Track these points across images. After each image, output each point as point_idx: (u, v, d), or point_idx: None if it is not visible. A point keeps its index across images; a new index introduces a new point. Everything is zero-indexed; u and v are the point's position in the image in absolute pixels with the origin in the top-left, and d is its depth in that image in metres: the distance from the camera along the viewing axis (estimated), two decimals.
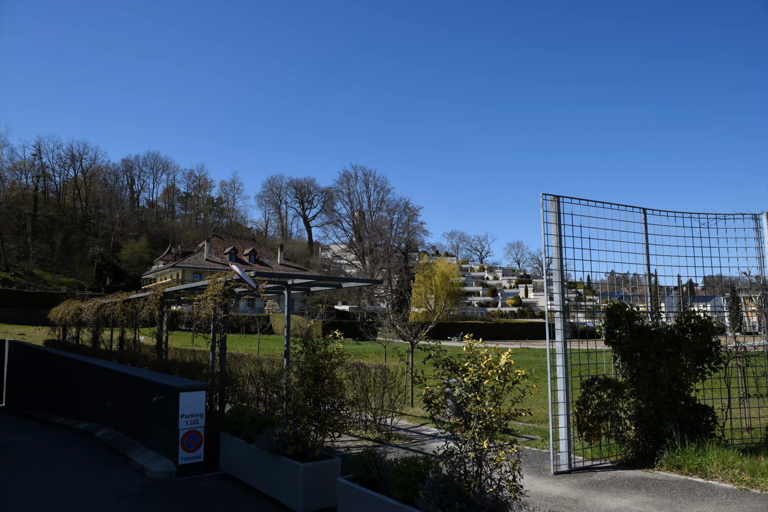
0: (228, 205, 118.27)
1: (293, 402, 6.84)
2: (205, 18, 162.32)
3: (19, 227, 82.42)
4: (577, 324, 11.56)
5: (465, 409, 4.68)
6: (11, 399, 18.43)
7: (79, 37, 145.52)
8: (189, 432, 7.74)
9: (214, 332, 9.52)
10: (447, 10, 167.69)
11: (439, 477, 4.56)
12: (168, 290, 11.87)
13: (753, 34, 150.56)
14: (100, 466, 8.49)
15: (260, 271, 10.18)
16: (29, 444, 10.51)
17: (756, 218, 9.61)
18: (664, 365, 8.59)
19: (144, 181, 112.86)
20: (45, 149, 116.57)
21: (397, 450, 9.35)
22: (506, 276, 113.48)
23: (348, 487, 5.47)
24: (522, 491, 4.48)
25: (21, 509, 6.47)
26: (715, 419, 8.70)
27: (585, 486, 7.29)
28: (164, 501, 6.66)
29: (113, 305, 15.19)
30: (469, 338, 4.86)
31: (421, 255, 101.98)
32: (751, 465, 7.36)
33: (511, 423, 11.54)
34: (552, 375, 8.26)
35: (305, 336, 7.17)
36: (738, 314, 13.03)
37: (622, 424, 8.53)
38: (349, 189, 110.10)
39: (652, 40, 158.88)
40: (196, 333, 32.18)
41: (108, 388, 10.79)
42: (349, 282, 12.30)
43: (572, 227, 8.57)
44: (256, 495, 6.88)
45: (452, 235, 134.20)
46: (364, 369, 11.22)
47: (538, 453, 9.16)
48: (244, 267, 69.90)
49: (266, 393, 10.95)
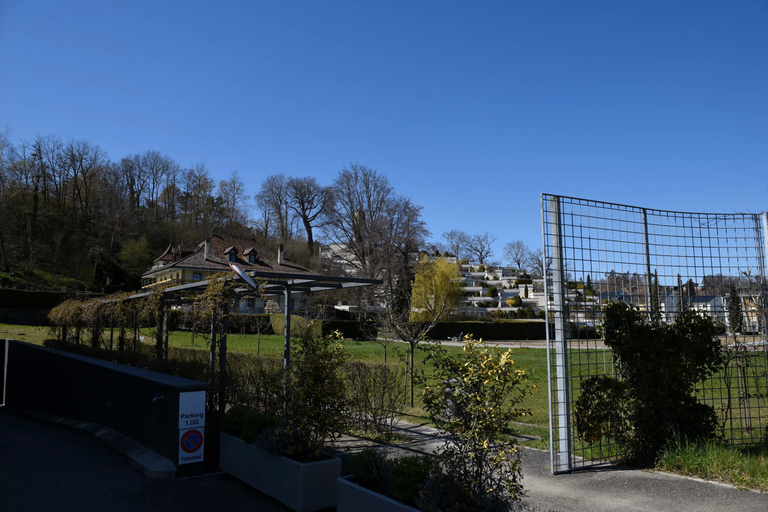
0: (228, 205, 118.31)
1: (293, 402, 6.84)
2: (205, 18, 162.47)
3: (19, 227, 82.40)
4: (577, 324, 11.56)
5: (465, 409, 4.68)
6: (11, 399, 18.44)
7: (79, 37, 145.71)
8: (189, 432, 7.74)
9: (214, 332, 9.52)
10: (447, 10, 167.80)
11: (439, 477, 4.56)
12: (168, 290, 11.87)
13: (753, 34, 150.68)
14: (100, 466, 8.49)
15: (260, 271, 10.18)
16: (29, 444, 10.51)
17: (756, 218, 9.61)
18: (664, 365, 8.59)
19: (144, 181, 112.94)
20: (45, 149, 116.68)
21: (397, 450, 9.35)
22: (506, 276, 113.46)
23: (348, 487, 5.47)
24: (522, 491, 4.48)
25: (21, 509, 6.47)
26: (715, 419, 8.70)
27: (585, 486, 7.29)
28: (164, 501, 6.66)
29: (113, 305, 15.20)
30: (469, 338, 4.86)
31: (421, 255, 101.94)
32: (751, 465, 7.36)
33: (511, 423, 11.54)
34: (552, 375, 8.26)
35: (305, 336, 7.17)
36: (738, 314, 13.03)
37: (622, 424, 8.53)
38: (349, 189, 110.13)
39: (652, 40, 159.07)
40: (196, 333, 32.18)
41: (108, 388, 10.79)
42: (349, 282, 12.30)
43: (572, 227, 8.58)
44: (256, 495, 6.88)
45: (452, 235, 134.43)
46: (364, 369, 11.21)
47: (538, 453, 9.16)
48: (244, 267, 69.91)
49: (266, 393, 10.95)
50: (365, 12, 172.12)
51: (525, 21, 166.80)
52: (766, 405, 9.59)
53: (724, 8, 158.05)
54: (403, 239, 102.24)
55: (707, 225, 9.53)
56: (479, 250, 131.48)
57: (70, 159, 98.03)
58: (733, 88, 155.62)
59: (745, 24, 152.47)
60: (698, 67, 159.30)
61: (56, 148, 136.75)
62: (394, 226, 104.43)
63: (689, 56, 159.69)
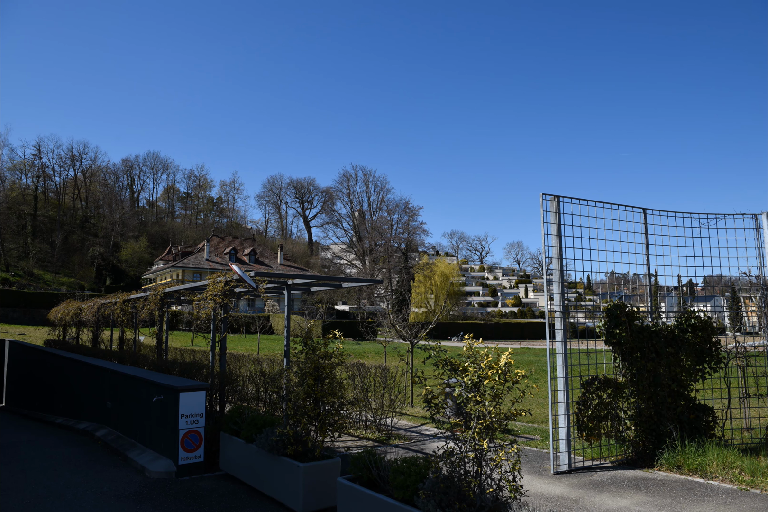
0: (228, 205, 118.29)
1: (293, 402, 6.84)
2: (205, 18, 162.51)
3: (19, 227, 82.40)
4: (577, 324, 11.56)
5: (465, 409, 4.68)
6: (11, 399, 18.44)
7: (79, 37, 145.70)
8: (189, 432, 7.74)
9: (214, 332, 9.52)
10: (447, 10, 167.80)
11: (439, 477, 4.55)
12: (168, 290, 11.87)
13: (753, 34, 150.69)
14: (100, 466, 8.49)
15: (260, 271, 10.18)
16: (29, 444, 10.51)
17: (756, 218, 9.61)
18: (664, 365, 8.59)
19: (144, 181, 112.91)
20: (45, 149, 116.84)
21: (397, 450, 9.35)
22: (506, 276, 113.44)
23: (348, 487, 5.47)
24: (522, 491, 4.48)
25: (21, 509, 6.47)
26: (715, 419, 8.70)
27: (585, 486, 7.29)
28: (164, 501, 6.66)
29: (113, 305, 15.20)
30: (469, 338, 4.86)
31: (421, 255, 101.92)
32: (751, 465, 7.35)
33: (511, 423, 11.54)
34: (552, 375, 8.26)
35: (305, 336, 7.17)
36: (738, 314, 13.03)
37: (622, 424, 8.53)
38: (349, 189, 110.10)
39: (652, 40, 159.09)
40: (196, 333, 32.20)
41: (108, 388, 10.79)
42: (349, 282, 12.30)
43: (572, 227, 8.57)
44: (256, 495, 6.88)
45: (452, 235, 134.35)
46: (364, 369, 11.21)
47: (538, 453, 9.16)
48: (244, 267, 69.91)
49: (266, 393, 10.95)
50: (365, 12, 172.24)
51: (525, 21, 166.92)
52: (766, 405, 9.59)
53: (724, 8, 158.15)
54: (403, 239, 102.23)
55: (707, 225, 9.53)
56: (479, 250, 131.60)
57: (70, 159, 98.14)
58: (733, 88, 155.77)
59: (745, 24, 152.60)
60: (699, 67, 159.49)
61: (56, 148, 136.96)
62: (394, 226, 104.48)
63: (689, 56, 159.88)
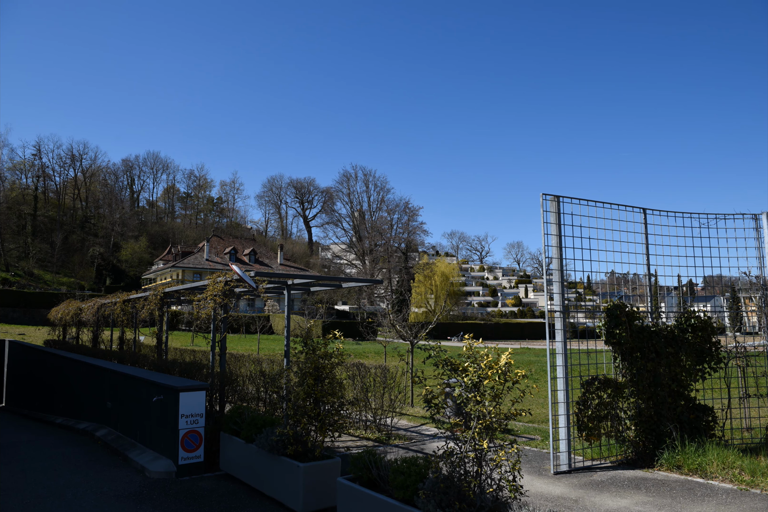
0: (228, 205, 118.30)
1: (293, 402, 6.84)
2: (205, 18, 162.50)
3: (19, 227, 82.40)
4: (577, 324, 11.56)
5: (465, 409, 4.68)
6: (11, 399, 18.44)
7: (79, 37, 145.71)
8: (189, 432, 7.74)
9: (214, 332, 9.52)
10: (447, 10, 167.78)
11: (439, 477, 4.55)
12: (168, 290, 11.87)
13: (753, 34, 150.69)
14: (100, 466, 8.49)
15: (260, 271, 10.17)
16: (29, 444, 10.51)
17: (756, 218, 9.61)
18: (664, 365, 8.59)
19: (144, 181, 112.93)
20: (45, 149, 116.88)
21: (397, 450, 9.35)
22: (506, 276, 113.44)
23: (348, 487, 5.47)
24: (522, 491, 4.48)
25: (21, 509, 6.47)
26: (715, 419, 8.70)
27: (585, 486, 7.29)
28: (164, 501, 6.66)
29: (113, 305, 15.19)
30: (469, 338, 4.86)
31: (421, 255, 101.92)
32: (751, 465, 7.35)
33: (511, 423, 11.53)
34: (552, 375, 8.26)
35: (305, 336, 7.17)
36: (738, 314, 13.03)
37: (622, 424, 8.53)
38: (349, 189, 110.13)
39: (652, 40, 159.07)
40: (196, 333, 32.20)
41: (108, 388, 10.79)
42: (349, 282, 12.30)
43: (572, 227, 8.57)
44: (256, 495, 6.88)
45: (452, 235, 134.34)
46: (364, 369, 11.21)
47: (538, 453, 9.16)
48: (244, 267, 69.91)
49: (266, 393, 10.95)
50: (365, 12, 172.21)
51: (525, 21, 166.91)
52: (766, 405, 9.59)
53: (724, 8, 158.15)
54: (403, 239, 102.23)
55: (707, 225, 9.53)
56: (479, 250, 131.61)
57: (70, 159, 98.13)
58: (733, 88, 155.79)
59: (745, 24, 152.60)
60: (698, 67, 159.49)
61: (56, 148, 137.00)
62: (394, 226, 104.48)
63: (689, 56, 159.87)
